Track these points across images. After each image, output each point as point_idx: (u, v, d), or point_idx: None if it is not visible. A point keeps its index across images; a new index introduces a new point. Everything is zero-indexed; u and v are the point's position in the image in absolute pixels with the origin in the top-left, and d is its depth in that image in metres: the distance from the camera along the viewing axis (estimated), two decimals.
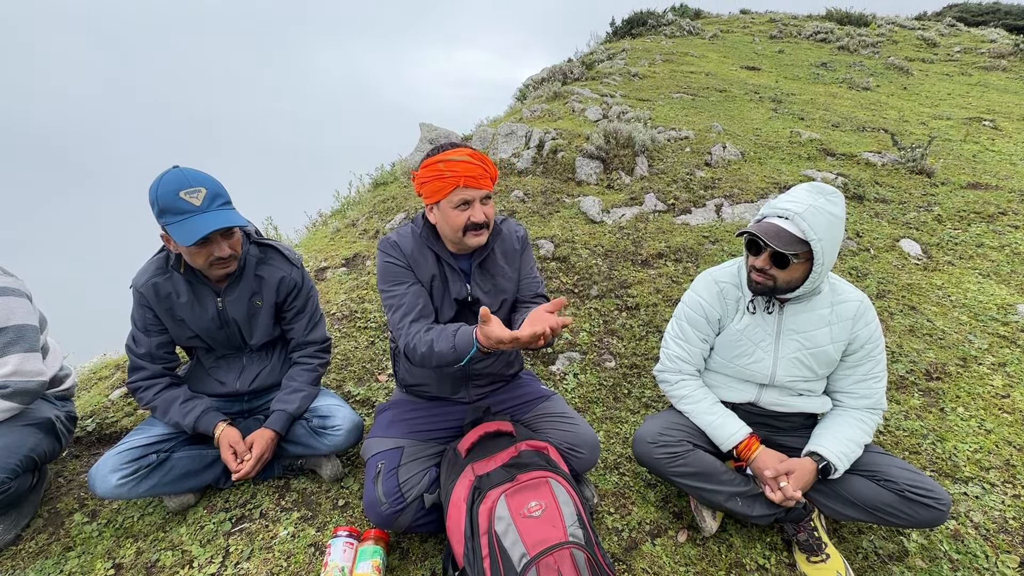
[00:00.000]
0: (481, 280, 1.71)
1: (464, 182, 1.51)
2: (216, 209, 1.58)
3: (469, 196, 1.53)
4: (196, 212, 1.55)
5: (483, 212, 1.56)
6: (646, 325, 2.86)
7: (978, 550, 1.68)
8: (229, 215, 1.60)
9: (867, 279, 3.26)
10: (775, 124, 6.28)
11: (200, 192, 1.56)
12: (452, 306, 1.70)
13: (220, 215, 1.58)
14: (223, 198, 1.62)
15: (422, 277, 1.67)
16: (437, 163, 1.53)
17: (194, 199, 1.55)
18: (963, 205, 4.19)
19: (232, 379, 1.91)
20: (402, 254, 1.66)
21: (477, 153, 1.57)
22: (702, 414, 1.72)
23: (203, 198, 1.56)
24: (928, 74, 10.22)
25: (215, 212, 1.58)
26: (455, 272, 1.69)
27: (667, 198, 4.28)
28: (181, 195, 1.54)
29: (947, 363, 2.55)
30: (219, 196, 1.61)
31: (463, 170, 1.51)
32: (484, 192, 1.56)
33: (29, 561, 1.68)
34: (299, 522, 1.77)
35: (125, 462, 1.65)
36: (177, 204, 1.53)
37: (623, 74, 8.83)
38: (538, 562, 1.26)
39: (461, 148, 1.56)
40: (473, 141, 5.73)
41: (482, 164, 1.55)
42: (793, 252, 1.44)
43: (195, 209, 1.55)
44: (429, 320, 1.63)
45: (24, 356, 1.61)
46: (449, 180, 1.51)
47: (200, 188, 1.57)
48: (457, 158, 1.52)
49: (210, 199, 1.57)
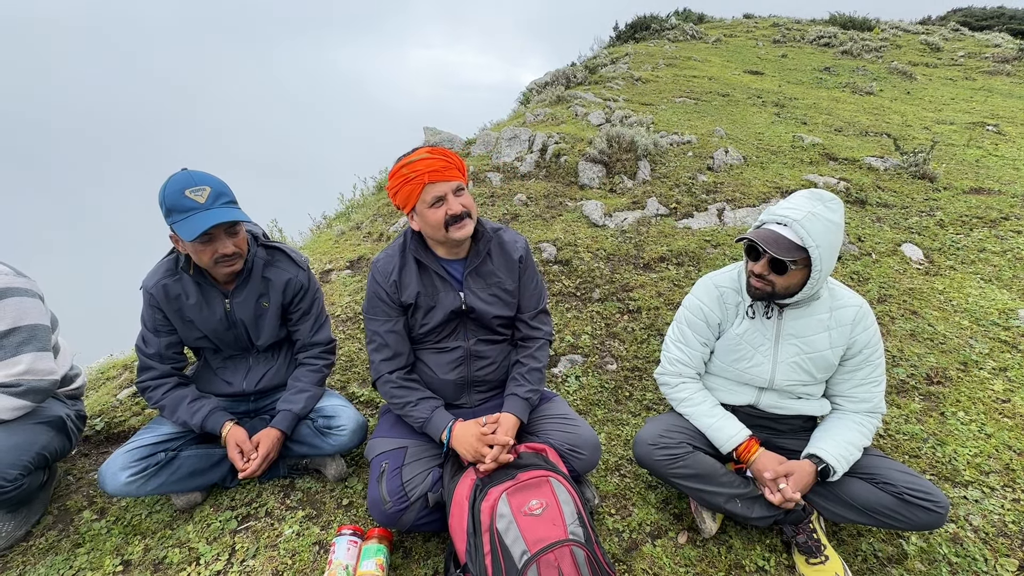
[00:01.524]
0: (476, 288, 1.72)
1: (429, 178, 1.54)
2: (220, 206, 1.63)
3: (440, 191, 1.56)
4: (200, 209, 1.59)
5: (459, 203, 1.58)
6: (648, 328, 2.88)
7: (977, 553, 1.69)
8: (232, 211, 1.65)
9: (868, 284, 3.27)
10: (777, 129, 6.30)
11: (204, 190, 1.61)
12: (446, 316, 1.71)
13: (223, 211, 1.62)
14: (227, 197, 1.66)
15: (407, 296, 1.70)
16: (400, 169, 1.57)
17: (198, 197, 1.59)
18: (965, 210, 4.20)
19: (239, 379, 1.94)
20: (385, 278, 1.69)
21: (437, 148, 1.60)
22: (702, 416, 1.73)
23: (207, 196, 1.61)
24: (932, 79, 10.22)
25: (218, 209, 1.62)
26: (446, 281, 1.70)
27: (669, 202, 4.30)
28: (186, 193, 1.58)
29: (948, 368, 2.56)
30: (223, 195, 1.65)
31: (425, 167, 1.54)
32: (454, 184, 1.58)
33: (40, 557, 1.71)
34: (304, 521, 1.79)
35: (134, 460, 1.68)
36: (182, 202, 1.58)
37: (626, 78, 8.87)
38: (539, 559, 1.28)
39: (421, 149, 1.60)
40: (476, 145, 5.77)
41: (443, 157, 1.57)
42: (791, 259, 1.46)
43: (199, 206, 1.59)
44: (401, 361, 1.74)
45: (37, 355, 1.64)
46: (415, 181, 1.54)
47: (205, 187, 1.61)
48: (417, 158, 1.56)
49: (214, 197, 1.62)
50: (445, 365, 1.77)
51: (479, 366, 1.79)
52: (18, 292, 1.64)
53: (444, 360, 1.77)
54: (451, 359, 1.76)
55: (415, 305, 1.70)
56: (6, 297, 1.60)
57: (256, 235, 1.91)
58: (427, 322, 1.71)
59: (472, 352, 1.77)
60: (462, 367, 1.78)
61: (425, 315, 1.71)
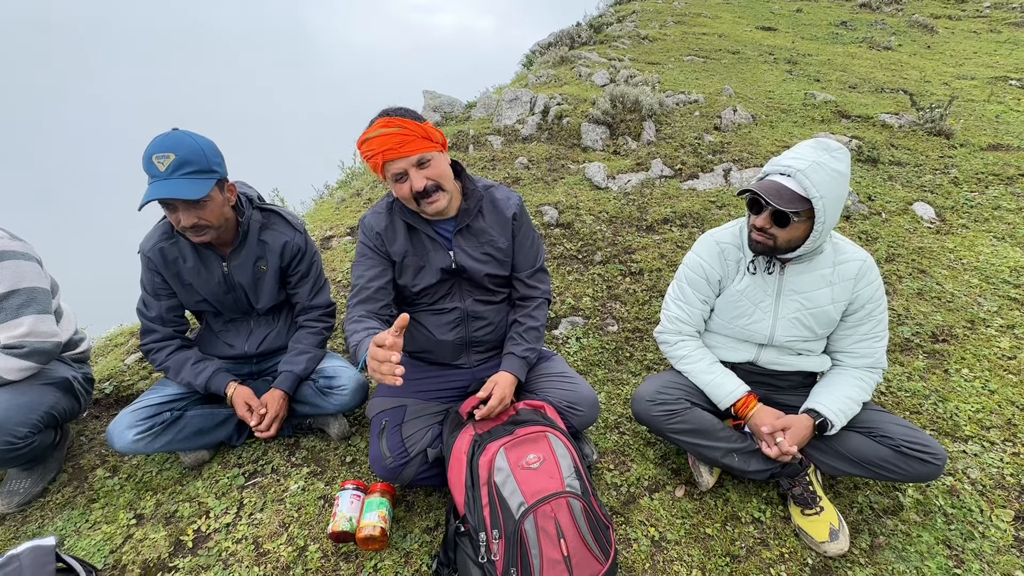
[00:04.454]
0: (467, 247, 1.69)
1: (383, 157, 1.46)
2: (177, 177, 1.52)
3: (398, 168, 1.48)
4: (158, 178, 1.52)
5: (422, 177, 1.49)
6: (649, 290, 2.86)
7: (973, 505, 1.71)
8: (178, 185, 1.52)
9: (876, 243, 3.21)
10: (789, 86, 6.08)
11: (168, 158, 1.51)
12: (436, 276, 1.68)
13: (174, 184, 1.52)
14: (192, 166, 1.55)
15: (395, 252, 1.66)
16: (361, 146, 1.50)
17: (160, 164, 1.51)
18: (982, 167, 4.07)
19: (240, 342, 1.96)
20: (374, 232, 1.66)
21: (393, 120, 1.46)
22: (701, 373, 1.73)
23: (168, 164, 1.51)
24: (954, 32, 9.75)
25: (174, 180, 1.52)
26: (435, 241, 1.67)
27: (674, 163, 4.20)
28: (152, 159, 1.52)
29: (954, 326, 2.53)
30: (187, 164, 1.54)
31: (379, 146, 1.45)
32: (414, 158, 1.47)
33: (57, 511, 1.78)
34: (309, 477, 1.84)
35: (140, 419, 1.72)
36: (148, 168, 1.53)
37: (632, 37, 8.55)
38: (536, 510, 1.31)
39: (378, 120, 1.48)
40: (477, 108, 5.64)
41: (400, 130, 1.45)
42: (794, 210, 1.42)
43: (158, 175, 1.52)
44: (375, 306, 1.64)
45: (38, 317, 1.66)
46: (375, 160, 1.48)
47: (169, 154, 1.52)
48: (373, 134, 1.46)
49: (175, 166, 1.52)
50: (443, 326, 1.76)
51: (477, 326, 1.79)
52: (14, 255, 1.64)
53: (442, 321, 1.76)
54: (448, 320, 1.76)
55: (403, 265, 1.68)
56: (3, 260, 1.61)
57: (251, 197, 1.88)
58: (418, 283, 1.69)
59: (469, 312, 1.76)
60: (460, 328, 1.77)
61: (415, 275, 1.69)
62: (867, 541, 1.61)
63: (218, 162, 1.64)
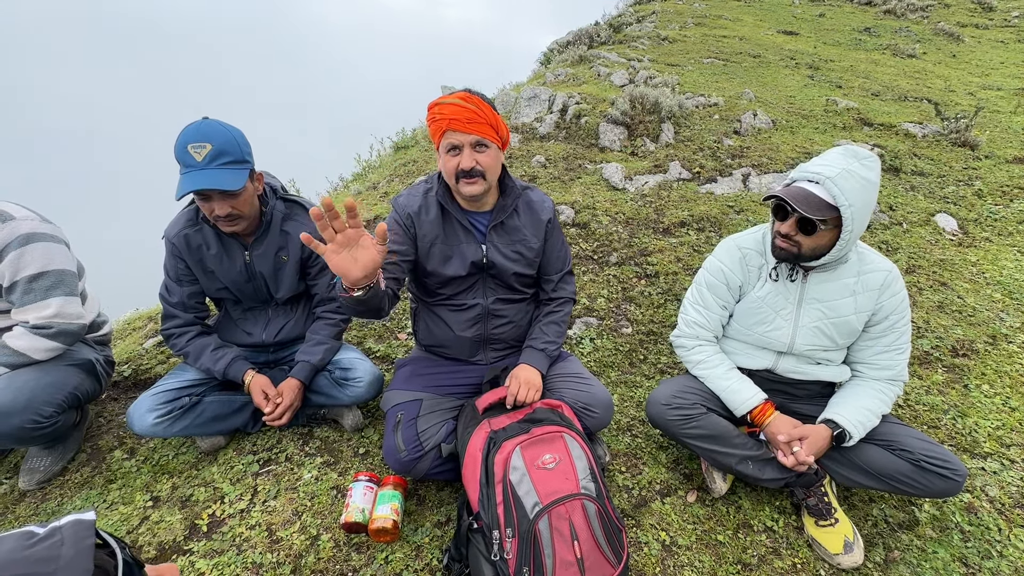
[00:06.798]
0: (499, 243, 1.70)
1: (449, 124, 1.48)
2: (215, 168, 1.54)
3: (457, 140, 1.50)
4: (195, 168, 1.54)
5: (472, 159, 1.51)
6: (665, 293, 2.85)
7: (991, 523, 1.68)
8: (218, 175, 1.55)
9: (897, 254, 3.16)
10: (810, 92, 6.01)
11: (205, 148, 1.53)
12: (465, 268, 1.67)
13: (213, 174, 1.54)
14: (228, 156, 1.57)
15: (423, 235, 1.65)
16: (433, 107, 1.52)
17: (197, 154, 1.53)
18: (1007, 180, 4.00)
19: (258, 331, 1.98)
20: (405, 212, 1.65)
21: (472, 97, 1.50)
22: (717, 379, 1.72)
23: (205, 155, 1.53)
24: (981, 41, 9.57)
25: (211, 171, 1.54)
26: (469, 232, 1.67)
27: (692, 166, 4.17)
28: (188, 148, 1.53)
29: (975, 341, 2.49)
30: (224, 154, 1.56)
31: (450, 112, 1.47)
32: (473, 137, 1.49)
33: (75, 491, 1.81)
34: (322, 467, 1.85)
35: (160, 403, 1.74)
36: (183, 157, 1.54)
37: (652, 38, 8.49)
38: (550, 510, 1.30)
39: (460, 92, 1.52)
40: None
41: (475, 108, 1.48)
42: (821, 218, 1.40)
43: (195, 165, 1.53)
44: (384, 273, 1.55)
45: (65, 299, 1.69)
46: (438, 124, 1.50)
47: (206, 144, 1.53)
48: (447, 101, 1.49)
49: (212, 156, 1.54)
50: (463, 323, 1.77)
51: (496, 324, 1.79)
52: (45, 237, 1.67)
53: (462, 318, 1.77)
54: (469, 316, 1.76)
55: (429, 251, 1.67)
56: (33, 242, 1.64)
57: (275, 188, 1.90)
58: (443, 272, 1.68)
59: (490, 310, 1.76)
60: (479, 324, 1.78)
61: (443, 263, 1.68)
62: (881, 555, 1.59)
63: (249, 152, 1.66)
